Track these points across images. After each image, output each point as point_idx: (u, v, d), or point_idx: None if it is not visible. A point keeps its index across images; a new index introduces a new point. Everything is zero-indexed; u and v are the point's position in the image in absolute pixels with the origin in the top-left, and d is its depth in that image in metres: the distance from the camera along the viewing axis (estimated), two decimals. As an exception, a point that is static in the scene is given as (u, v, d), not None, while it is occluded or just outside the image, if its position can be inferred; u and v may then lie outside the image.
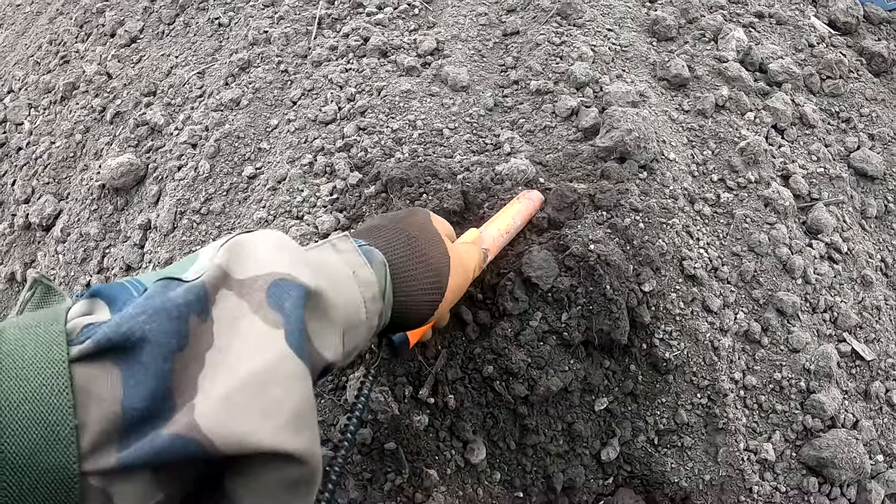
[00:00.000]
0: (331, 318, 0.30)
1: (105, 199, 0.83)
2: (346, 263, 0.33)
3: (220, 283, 0.27)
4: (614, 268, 0.54)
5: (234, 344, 0.25)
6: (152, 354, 0.24)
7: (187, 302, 0.25)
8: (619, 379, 0.59)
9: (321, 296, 0.29)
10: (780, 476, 0.63)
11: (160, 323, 0.24)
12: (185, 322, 0.25)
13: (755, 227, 0.69)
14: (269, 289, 0.27)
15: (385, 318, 0.36)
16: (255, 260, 0.28)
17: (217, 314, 0.26)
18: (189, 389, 0.24)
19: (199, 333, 0.25)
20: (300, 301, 0.28)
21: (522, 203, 0.57)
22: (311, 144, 0.70)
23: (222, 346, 0.25)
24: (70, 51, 1.05)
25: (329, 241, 0.34)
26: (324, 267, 0.32)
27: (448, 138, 0.67)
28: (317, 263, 0.31)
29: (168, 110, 0.84)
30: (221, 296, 0.27)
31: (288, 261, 0.29)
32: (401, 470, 0.52)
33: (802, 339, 0.66)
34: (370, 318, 0.34)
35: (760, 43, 0.86)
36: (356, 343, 0.33)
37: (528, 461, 0.57)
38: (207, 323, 0.26)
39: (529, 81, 0.73)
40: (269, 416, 0.24)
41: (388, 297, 0.36)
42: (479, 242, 0.50)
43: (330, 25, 0.83)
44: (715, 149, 0.73)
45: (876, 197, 0.82)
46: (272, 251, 0.29)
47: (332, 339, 0.30)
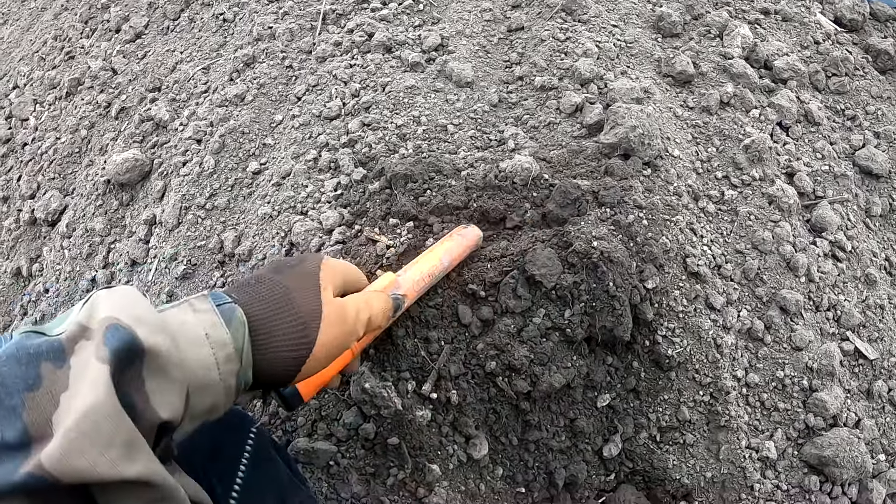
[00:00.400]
0: (171, 378, 0.31)
1: (110, 195, 0.83)
2: (201, 324, 0.34)
3: (78, 336, 0.30)
4: (617, 265, 0.54)
5: (79, 385, 0.28)
6: (4, 394, 0.27)
7: (39, 351, 0.28)
8: (622, 376, 0.59)
9: (159, 355, 0.31)
10: (781, 474, 0.63)
11: (10, 367, 0.28)
12: (36, 367, 0.28)
13: (759, 225, 0.69)
14: (105, 330, 0.29)
15: (246, 377, 0.36)
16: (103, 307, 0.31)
17: (74, 361, 0.29)
18: (44, 427, 0.27)
19: (55, 378, 0.28)
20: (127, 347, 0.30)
21: (453, 241, 0.52)
22: (316, 140, 0.70)
23: (73, 389, 0.28)
24: (75, 46, 1.05)
25: (188, 300, 0.35)
26: (171, 326, 0.33)
27: (452, 134, 0.67)
28: (164, 323, 0.32)
29: (173, 106, 0.85)
30: (80, 346, 0.29)
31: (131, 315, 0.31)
32: (403, 464, 0.52)
33: (805, 337, 0.66)
34: (225, 378, 0.34)
35: (766, 40, 0.85)
36: (212, 402, 0.34)
37: (530, 457, 0.57)
38: (64, 369, 0.28)
39: (534, 77, 0.72)
40: (103, 450, 0.27)
41: (247, 356, 0.36)
42: (393, 288, 0.46)
43: (334, 21, 0.83)
44: (719, 146, 0.73)
45: (881, 195, 0.82)
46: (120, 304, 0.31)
47: (170, 397, 0.31)
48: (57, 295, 0.82)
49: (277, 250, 0.63)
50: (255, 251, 0.66)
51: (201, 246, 0.70)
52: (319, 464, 0.54)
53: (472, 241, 0.54)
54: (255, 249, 0.66)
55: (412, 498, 0.52)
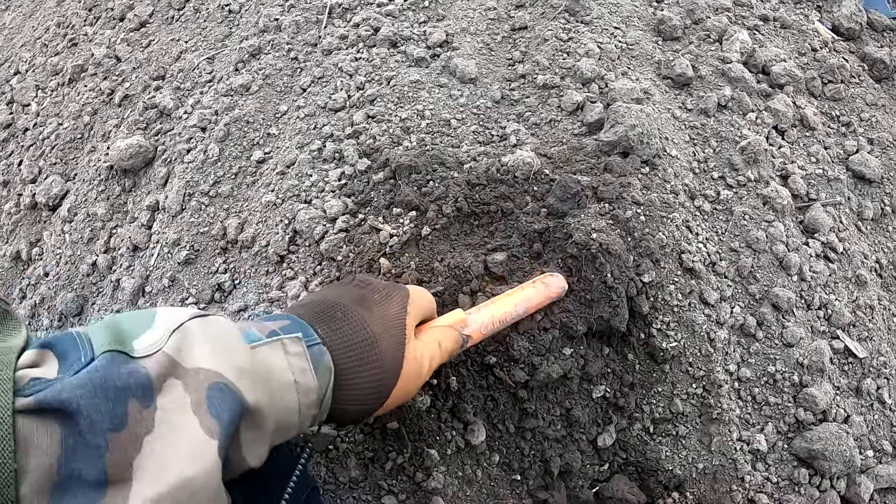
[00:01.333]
0: (263, 430, 0.31)
1: (113, 180, 0.83)
2: (291, 368, 0.33)
3: (168, 373, 0.28)
4: (615, 257, 0.56)
5: (172, 440, 0.27)
6: (87, 429, 0.25)
7: (127, 386, 0.26)
8: (617, 368, 0.61)
9: (259, 412, 0.30)
10: (771, 467, 0.65)
11: (97, 401, 0.25)
12: (123, 405, 0.26)
13: (753, 225, 0.70)
14: (208, 390, 0.28)
15: (319, 419, 0.36)
16: (202, 350, 0.29)
17: (162, 403, 0.27)
18: (124, 471, 0.25)
19: (140, 419, 0.26)
20: (235, 416, 0.29)
21: (534, 290, 0.49)
22: (321, 131, 0.71)
23: (162, 436, 0.26)
24: (78, 34, 1.05)
25: (280, 339, 0.34)
26: (265, 373, 0.32)
27: (455, 129, 0.68)
28: (260, 368, 0.32)
29: (177, 94, 0.85)
30: (169, 385, 0.28)
31: (233, 367, 0.30)
32: (402, 449, 0.53)
33: (796, 334, 0.67)
34: (302, 422, 0.34)
35: (764, 46, 0.87)
36: (283, 439, 0.34)
37: (526, 445, 0.58)
38: (150, 409, 0.27)
39: (536, 76, 0.74)
40: None
41: (327, 403, 0.36)
42: (460, 326, 0.44)
43: (340, 15, 0.84)
44: (716, 147, 0.74)
45: (873, 200, 0.84)
46: (220, 349, 0.30)
47: (261, 448, 0.31)
48: (57, 278, 0.82)
49: (281, 237, 0.64)
50: (259, 238, 0.66)
51: (204, 232, 0.70)
52: (319, 448, 0.54)
53: (555, 293, 0.50)
54: (259, 236, 0.67)
55: (410, 482, 0.53)
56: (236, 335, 0.32)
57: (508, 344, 0.54)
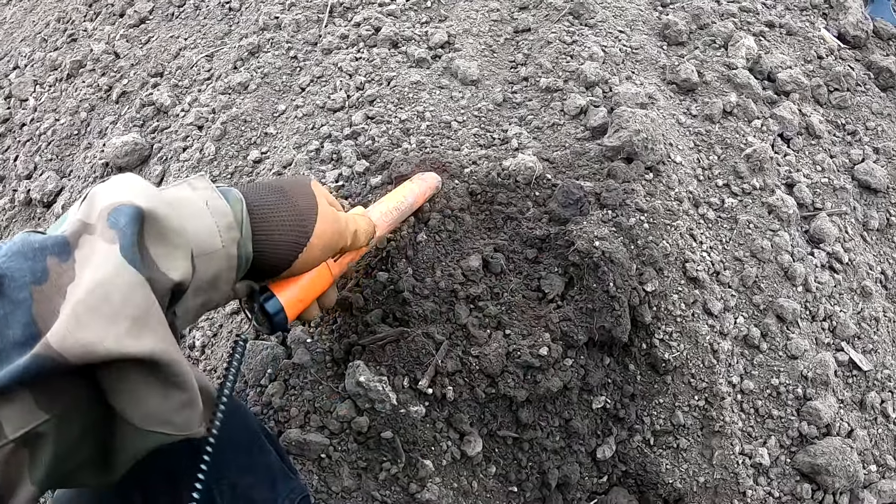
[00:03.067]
0: (175, 243, 0.32)
1: (108, 178, 0.82)
2: (200, 196, 0.35)
3: (81, 231, 0.30)
4: (618, 265, 0.54)
5: (84, 271, 0.28)
6: (12, 288, 0.26)
7: (44, 246, 0.28)
8: (618, 378, 0.59)
9: (158, 218, 0.31)
10: (773, 481, 0.63)
11: (17, 261, 0.27)
12: (42, 261, 0.28)
13: (758, 234, 0.69)
14: (108, 214, 0.29)
15: (246, 250, 0.37)
16: (102, 199, 0.31)
17: (79, 255, 0.29)
18: (51, 318, 0.26)
19: (61, 271, 0.28)
20: (134, 218, 0.30)
21: (415, 184, 0.56)
22: (319, 131, 0.69)
23: (79, 276, 0.28)
24: (78, 29, 1.04)
25: (186, 180, 0.36)
26: (171, 197, 0.33)
27: (456, 131, 0.67)
28: (164, 195, 0.33)
29: (175, 92, 0.84)
30: (83, 240, 0.29)
31: (128, 191, 0.31)
32: (397, 459, 0.52)
33: (801, 346, 0.66)
34: (227, 246, 0.35)
35: (770, 52, 0.86)
36: (216, 271, 0.35)
37: (523, 456, 0.57)
38: (69, 262, 0.28)
39: (539, 79, 0.73)
40: (110, 324, 0.27)
41: (246, 228, 0.37)
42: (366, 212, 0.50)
43: (341, 14, 0.83)
44: (721, 154, 0.73)
45: (878, 210, 0.83)
46: (117, 188, 0.31)
47: (179, 261, 0.32)
48: (49, 278, 0.80)
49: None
50: (254, 240, 0.65)
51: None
52: (311, 456, 0.53)
53: (433, 184, 0.57)
54: (254, 238, 0.65)
55: (404, 493, 0.52)
56: (139, 178, 0.33)
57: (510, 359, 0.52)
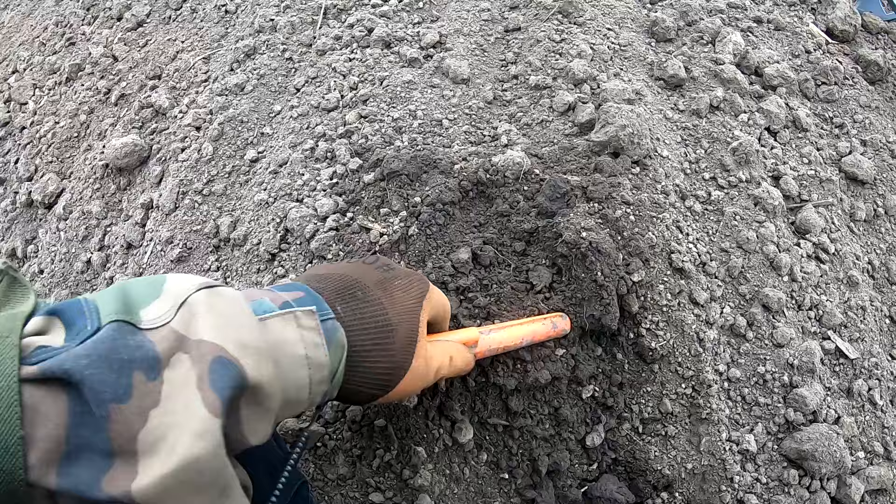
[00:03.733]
0: (267, 407, 0.31)
1: (108, 179, 0.84)
2: (303, 342, 0.33)
3: (175, 347, 0.28)
4: (605, 255, 0.56)
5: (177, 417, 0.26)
6: (90, 399, 0.25)
7: (132, 359, 0.26)
8: (606, 367, 0.61)
9: (261, 389, 0.30)
10: (761, 467, 0.65)
11: (100, 372, 0.25)
12: (128, 377, 0.26)
13: (744, 225, 0.70)
14: (211, 364, 0.28)
15: (330, 396, 0.36)
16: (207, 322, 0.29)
17: (168, 376, 0.27)
18: (129, 443, 0.25)
19: (145, 391, 0.26)
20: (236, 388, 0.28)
21: (543, 327, 0.52)
22: (314, 130, 0.71)
23: (167, 411, 0.26)
24: (76, 33, 1.06)
25: (293, 311, 0.33)
26: (274, 347, 0.31)
27: (447, 129, 0.69)
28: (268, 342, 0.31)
29: (173, 94, 0.86)
30: (176, 359, 0.27)
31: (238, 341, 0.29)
32: (390, 446, 0.53)
33: (787, 334, 0.67)
34: (313, 398, 0.34)
35: (757, 47, 0.87)
36: (291, 415, 0.34)
37: (514, 443, 0.58)
38: (156, 382, 0.27)
39: (528, 76, 0.74)
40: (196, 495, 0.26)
41: (338, 380, 0.35)
42: (471, 345, 0.46)
43: (335, 16, 0.84)
44: (708, 148, 0.75)
45: (866, 201, 0.84)
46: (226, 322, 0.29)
47: (263, 426, 0.31)
48: (52, 276, 0.82)
49: (272, 236, 0.64)
50: (251, 236, 0.67)
51: (197, 230, 0.71)
52: (310, 445, 0.55)
53: (558, 332, 0.54)
54: (251, 234, 0.67)
55: (397, 479, 0.53)
56: (244, 307, 0.31)
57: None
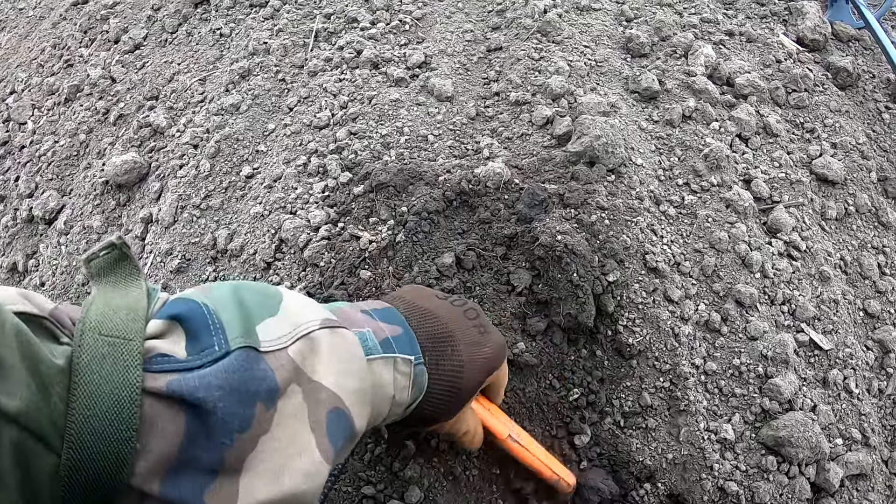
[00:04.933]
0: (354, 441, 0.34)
1: (108, 195, 0.87)
2: (395, 385, 0.36)
3: (292, 378, 0.29)
4: (580, 256, 0.59)
5: (287, 447, 0.28)
6: (215, 426, 0.26)
7: (258, 392, 0.28)
8: (587, 364, 0.64)
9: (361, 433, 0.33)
10: (739, 455, 0.68)
11: (231, 404, 0.26)
12: (252, 408, 0.27)
13: (716, 226, 0.74)
14: (328, 413, 0.30)
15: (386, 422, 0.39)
16: (326, 365, 0.31)
17: (282, 406, 0.28)
18: (237, 464, 0.27)
19: (262, 420, 0.28)
20: (349, 441, 0.32)
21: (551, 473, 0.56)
22: (306, 147, 0.75)
23: (276, 439, 0.28)
24: (74, 55, 1.10)
25: (395, 357, 0.36)
26: (375, 390, 0.34)
27: (432, 144, 0.72)
28: (372, 385, 0.34)
29: (170, 114, 0.89)
30: (291, 390, 0.29)
31: (354, 392, 0.32)
32: (380, 440, 0.56)
33: (760, 328, 0.71)
34: (381, 427, 0.40)
35: (729, 59, 0.92)
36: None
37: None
38: (272, 411, 0.28)
39: (509, 93, 0.78)
40: None
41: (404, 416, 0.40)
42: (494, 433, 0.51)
43: (326, 39, 0.88)
44: (681, 155, 0.79)
45: (836, 200, 0.88)
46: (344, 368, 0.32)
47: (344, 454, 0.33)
48: (53, 289, 0.85)
49: (268, 245, 0.68)
50: (247, 247, 0.70)
51: (195, 242, 0.74)
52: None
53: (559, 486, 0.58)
54: (247, 245, 0.70)
55: (387, 472, 0.56)
56: (357, 351, 0.33)
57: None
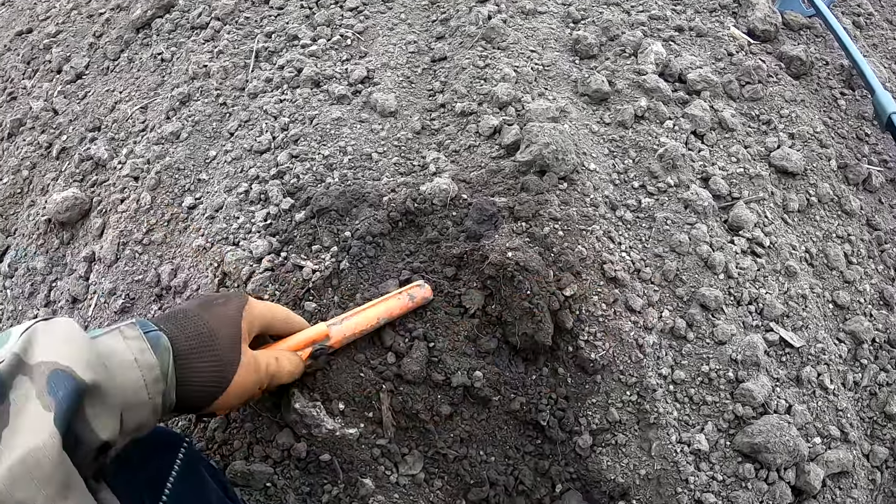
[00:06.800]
0: (107, 404, 0.35)
1: (51, 234, 0.83)
2: (129, 349, 0.38)
3: (16, 370, 0.32)
4: (533, 273, 0.57)
5: (19, 423, 0.31)
6: None
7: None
8: (551, 381, 0.62)
9: (97, 387, 0.34)
10: (715, 465, 0.66)
11: None
12: None
13: (676, 229, 0.72)
14: (49, 376, 0.32)
15: (170, 398, 0.40)
16: (44, 347, 0.34)
17: (14, 396, 0.31)
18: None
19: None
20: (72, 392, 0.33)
21: (398, 301, 0.54)
22: (247, 173, 0.72)
23: (14, 426, 0.31)
24: (17, 87, 1.06)
25: (118, 327, 0.39)
26: (104, 356, 0.37)
27: (377, 162, 0.70)
28: (99, 352, 0.36)
29: (112, 145, 0.86)
30: (18, 381, 0.32)
31: (70, 354, 0.34)
32: (336, 480, 0.53)
33: (727, 331, 0.69)
34: (153, 397, 0.39)
35: (680, 55, 0.91)
36: (140, 421, 0.38)
37: (468, 471, 0.58)
38: (4, 405, 0.31)
39: (455, 104, 0.76)
40: (41, 487, 0.30)
41: (171, 379, 0.40)
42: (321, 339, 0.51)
43: (267, 58, 0.86)
44: (636, 157, 0.77)
45: (798, 192, 0.87)
46: (60, 342, 0.34)
47: (108, 421, 0.35)
48: None
49: (210, 280, 0.65)
50: (191, 282, 0.67)
51: (139, 280, 0.71)
52: (257, 486, 0.54)
53: (418, 303, 0.56)
54: (191, 281, 0.67)
55: (345, 516, 0.53)
56: (74, 329, 0.36)
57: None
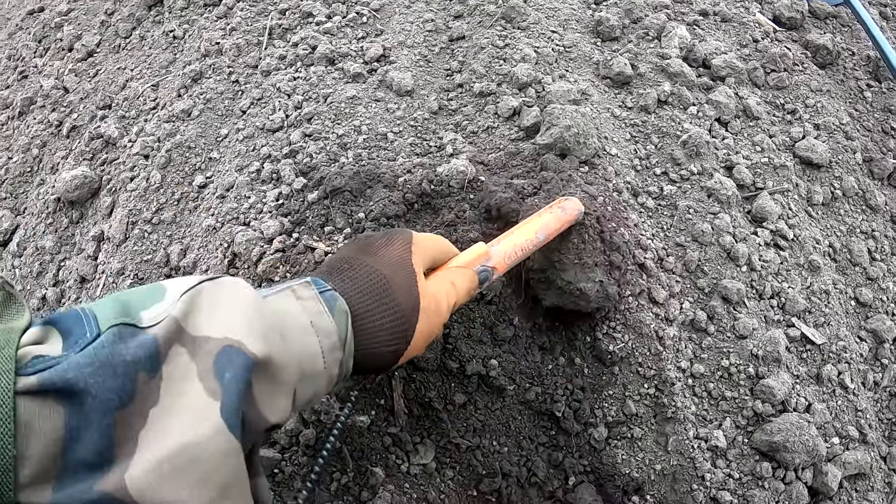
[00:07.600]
0: (280, 381, 0.30)
1: (60, 213, 0.83)
2: (305, 311, 0.33)
3: (173, 338, 0.27)
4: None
5: (175, 407, 0.26)
6: (94, 408, 0.24)
7: (136, 360, 0.26)
8: (567, 371, 0.60)
9: (270, 362, 0.30)
10: (732, 463, 0.64)
11: (105, 379, 0.25)
12: (132, 380, 0.25)
13: (698, 218, 0.70)
14: (217, 355, 0.28)
15: (347, 367, 0.36)
16: (210, 316, 0.29)
17: (167, 371, 0.27)
18: (129, 444, 0.25)
19: (147, 391, 0.26)
20: (243, 372, 0.28)
21: (552, 215, 0.49)
22: (259, 152, 0.70)
23: (166, 406, 0.26)
24: (28, 66, 1.05)
25: (290, 286, 0.34)
26: (279, 321, 0.32)
27: (392, 142, 0.68)
28: (273, 317, 0.31)
29: (122, 123, 0.85)
30: (174, 352, 0.27)
31: (242, 324, 0.29)
32: (345, 468, 0.52)
33: (749, 325, 0.67)
34: (329, 367, 0.34)
35: (704, 40, 0.88)
36: (314, 392, 0.34)
37: (479, 461, 0.57)
38: (156, 379, 0.26)
39: (473, 84, 0.74)
40: (196, 489, 0.25)
41: (350, 346, 0.35)
42: (483, 260, 0.45)
43: (280, 35, 0.84)
44: (658, 143, 0.75)
45: (822, 184, 0.84)
46: (229, 310, 0.29)
47: (280, 401, 0.30)
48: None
49: (220, 261, 0.63)
50: (200, 263, 0.66)
51: (148, 260, 0.70)
52: (265, 472, 0.53)
53: (572, 216, 0.51)
54: (200, 261, 0.66)
55: (355, 501, 0.52)
56: (244, 289, 0.31)
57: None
